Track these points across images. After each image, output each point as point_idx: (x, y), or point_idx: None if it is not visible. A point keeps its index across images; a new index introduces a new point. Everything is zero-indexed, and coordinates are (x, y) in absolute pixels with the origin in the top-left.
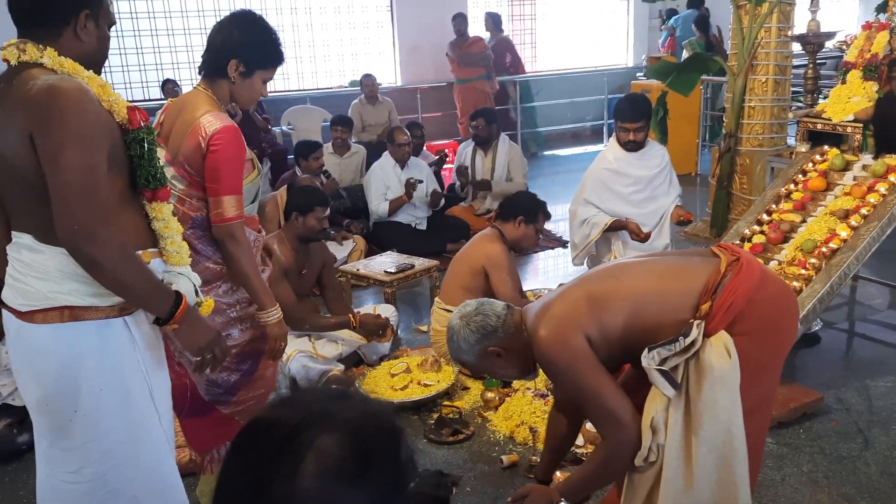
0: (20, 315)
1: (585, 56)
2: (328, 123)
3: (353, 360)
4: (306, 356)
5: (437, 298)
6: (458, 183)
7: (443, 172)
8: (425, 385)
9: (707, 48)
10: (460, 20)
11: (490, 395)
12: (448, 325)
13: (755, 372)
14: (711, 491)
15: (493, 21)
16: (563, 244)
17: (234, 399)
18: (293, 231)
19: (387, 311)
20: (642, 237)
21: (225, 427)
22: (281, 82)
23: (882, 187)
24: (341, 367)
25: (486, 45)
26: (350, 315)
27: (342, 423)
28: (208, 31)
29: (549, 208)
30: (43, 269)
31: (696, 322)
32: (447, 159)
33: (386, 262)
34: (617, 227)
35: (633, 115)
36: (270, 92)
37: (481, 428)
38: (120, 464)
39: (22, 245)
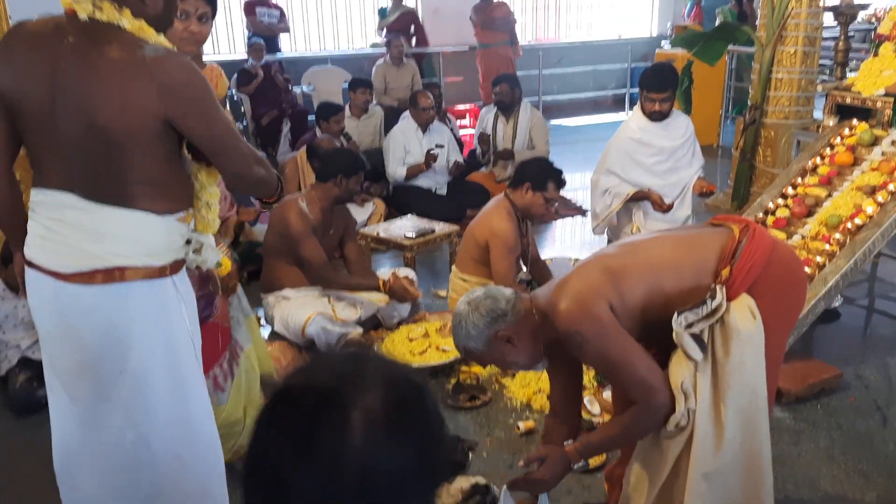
0: (62, 277)
1: (609, 24)
2: (348, 85)
3: (372, 324)
4: (325, 318)
5: (454, 266)
6: (479, 149)
7: (463, 138)
8: (443, 350)
9: (740, 18)
10: None
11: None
12: (454, 311)
13: (773, 332)
14: (736, 452)
15: None
16: (583, 213)
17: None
18: (329, 192)
19: (406, 275)
20: (665, 208)
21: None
22: (302, 43)
23: None
24: (360, 330)
25: (510, 10)
26: (381, 280)
27: (375, 379)
28: None
29: (569, 177)
30: (95, 230)
31: (719, 286)
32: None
33: (406, 227)
34: (639, 197)
35: (659, 84)
36: (291, 52)
37: (498, 394)
38: (165, 423)
39: (65, 204)
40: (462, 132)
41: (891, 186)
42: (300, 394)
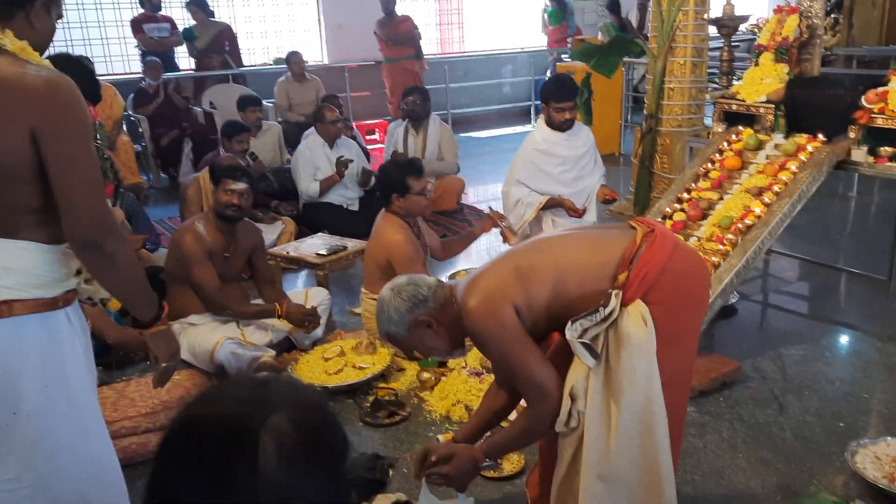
0: None
1: (513, 37)
2: (237, 105)
3: (285, 346)
4: (234, 343)
5: (363, 287)
6: None
7: (373, 152)
8: (360, 368)
9: (620, 30)
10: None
11: (426, 375)
12: (379, 297)
13: (671, 340)
14: (633, 456)
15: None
16: (503, 218)
17: None
18: (214, 209)
19: (319, 294)
20: (579, 213)
21: None
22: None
23: (793, 165)
24: (272, 352)
25: (415, 25)
26: (276, 304)
27: (282, 401)
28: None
29: (479, 189)
30: None
31: (614, 292)
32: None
33: (317, 244)
34: (551, 205)
35: (566, 94)
36: (189, 70)
37: (417, 409)
38: (66, 463)
39: None
40: (371, 147)
41: (776, 188)
42: (205, 425)
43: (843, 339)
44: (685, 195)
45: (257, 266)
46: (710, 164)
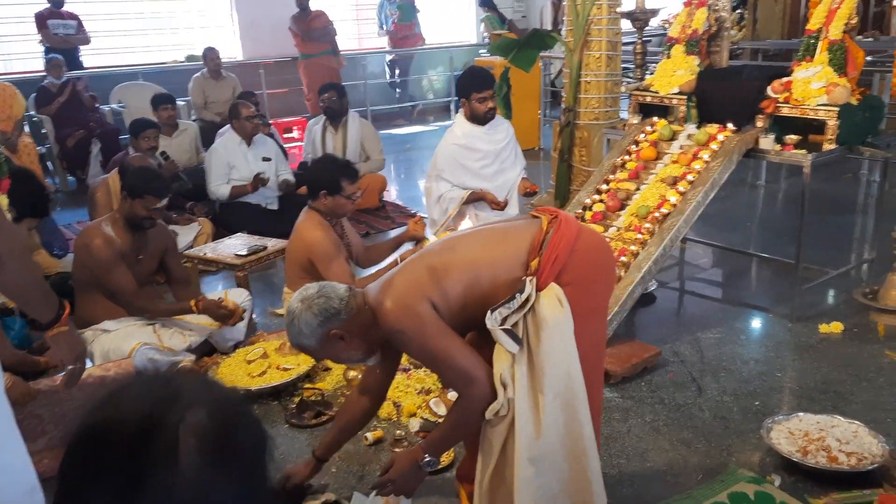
0: None
1: (435, 32)
2: (150, 103)
3: (205, 350)
4: (151, 348)
5: (285, 287)
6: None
7: (291, 151)
8: (284, 369)
9: (501, 21)
10: None
11: (352, 373)
12: (288, 308)
13: (585, 317)
14: (559, 434)
15: None
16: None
17: None
18: (123, 213)
19: (240, 295)
20: (502, 205)
21: None
22: (108, 57)
23: (705, 154)
24: (192, 357)
25: (329, 20)
26: (192, 301)
27: (196, 397)
28: None
29: (402, 185)
30: None
31: (528, 278)
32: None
33: (236, 245)
34: (474, 199)
35: (485, 83)
36: (96, 67)
37: None
38: None
39: None
40: (290, 145)
41: (689, 177)
42: (119, 424)
43: (756, 322)
44: (604, 186)
45: (171, 268)
46: (626, 156)
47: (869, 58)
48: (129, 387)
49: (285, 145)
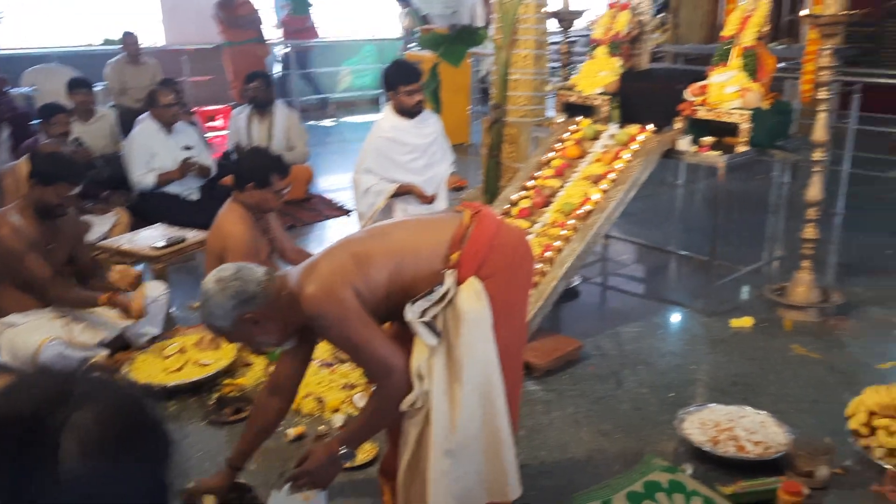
0: None
1: (362, 25)
2: (66, 87)
3: (119, 345)
4: (61, 343)
5: (203, 281)
6: (235, 156)
7: (215, 140)
8: (203, 365)
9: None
10: None
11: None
12: (202, 286)
13: (505, 311)
14: (476, 427)
15: None
16: (347, 212)
17: None
18: (32, 200)
19: (157, 288)
20: (429, 200)
21: None
22: (20, 38)
23: (626, 154)
24: (104, 352)
25: (255, 8)
26: (104, 296)
27: (88, 398)
28: None
29: (330, 178)
30: None
31: (448, 272)
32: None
33: (154, 236)
34: (402, 192)
35: (413, 75)
36: (7, 48)
37: None
38: None
39: None
40: (213, 134)
41: (612, 175)
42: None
43: (673, 316)
44: (530, 183)
45: (81, 258)
46: (552, 153)
47: (782, 64)
48: (19, 384)
49: (208, 134)
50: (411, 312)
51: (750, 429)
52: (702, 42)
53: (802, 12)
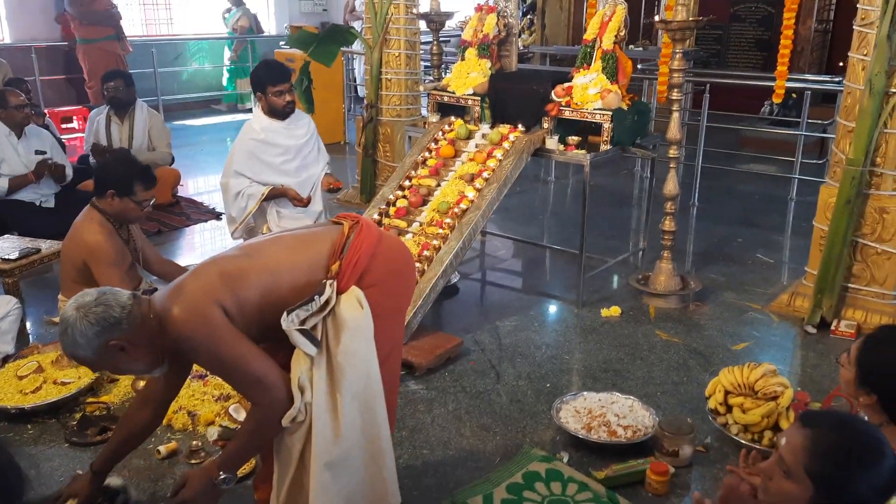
0: None
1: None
2: None
3: None
4: None
5: (59, 294)
6: (92, 159)
7: (71, 143)
8: (63, 383)
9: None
10: None
11: (142, 383)
12: (61, 315)
13: (386, 318)
14: (357, 436)
15: None
16: (217, 216)
17: None
18: None
19: (6, 303)
20: (304, 202)
21: None
22: None
23: (498, 153)
24: None
25: (112, 3)
26: None
27: None
28: None
29: (198, 180)
30: None
31: (328, 281)
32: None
33: (4, 248)
34: (275, 195)
35: (281, 76)
36: None
37: None
38: None
39: None
40: (68, 136)
41: (485, 174)
42: None
43: (548, 308)
44: (406, 182)
45: None
46: (427, 153)
47: (640, 66)
48: None
49: (63, 136)
50: (287, 322)
51: (620, 414)
52: (567, 43)
53: (657, 17)
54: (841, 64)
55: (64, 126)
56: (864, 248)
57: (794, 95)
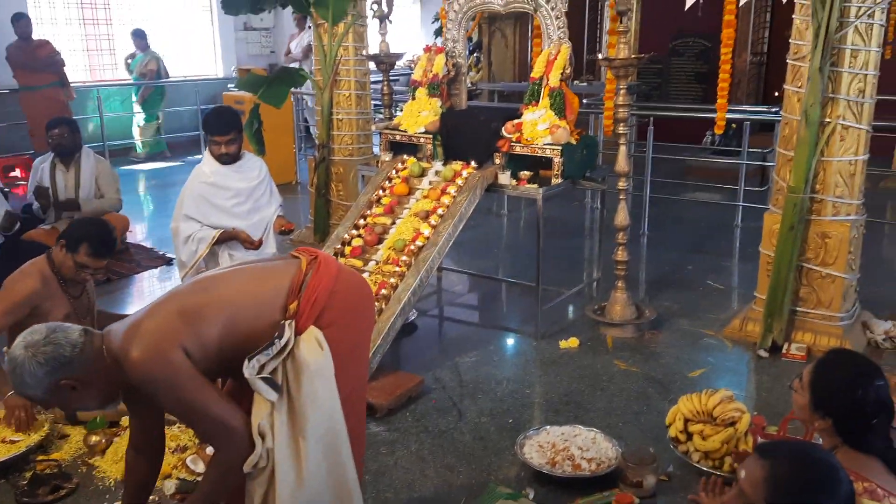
0: None
1: (175, 65)
2: None
3: None
4: None
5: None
6: (35, 204)
7: (15, 191)
8: (11, 442)
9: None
10: (24, 22)
11: (95, 438)
12: (10, 354)
13: (347, 358)
14: (323, 479)
15: None
16: (169, 261)
17: None
18: None
19: None
20: (256, 245)
21: None
22: None
23: (452, 189)
24: None
25: (55, 49)
26: None
27: None
28: None
29: (147, 225)
30: None
31: (287, 322)
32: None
33: None
34: (226, 238)
35: (221, 127)
36: None
37: (87, 478)
38: None
39: None
40: (11, 186)
41: (440, 211)
42: None
43: (507, 342)
44: (361, 221)
45: None
46: (381, 191)
47: (586, 100)
48: None
49: (5, 186)
50: (249, 369)
51: (583, 447)
52: (513, 80)
53: (600, 55)
54: (777, 94)
55: (5, 175)
56: (809, 272)
57: (733, 126)
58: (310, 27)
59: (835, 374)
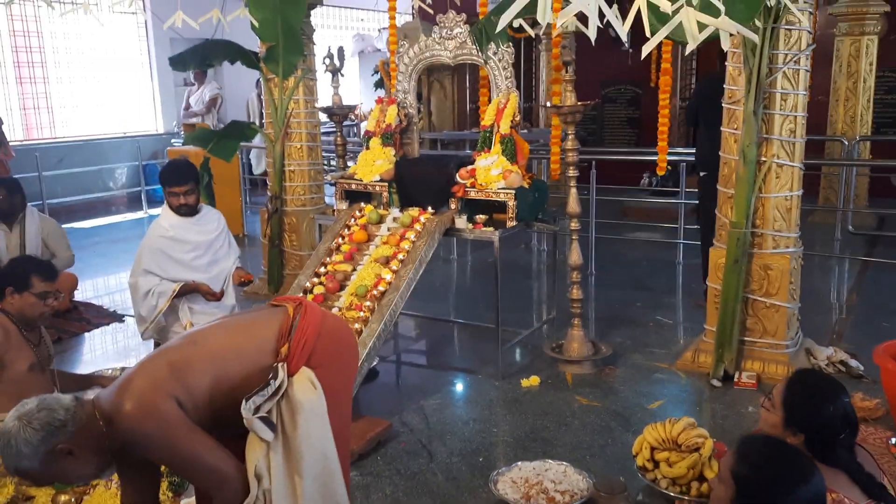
0: None
1: (113, 122)
2: None
3: None
4: None
5: None
6: None
7: None
8: None
9: None
10: None
11: (64, 498)
12: (2, 429)
13: (335, 396)
14: None
15: None
16: (120, 318)
17: None
18: None
19: None
20: (217, 297)
21: None
22: None
23: (411, 235)
24: None
25: None
26: None
27: None
28: None
29: (99, 281)
30: None
31: (279, 364)
32: None
33: None
34: (186, 291)
35: (179, 179)
36: None
37: None
38: None
39: None
40: None
41: (400, 256)
42: None
43: (469, 383)
44: (322, 269)
45: None
46: (340, 239)
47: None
48: None
49: None
50: (246, 410)
51: (556, 480)
52: (453, 128)
53: (540, 103)
54: None
55: None
56: (754, 303)
57: (669, 167)
58: (210, 82)
59: (806, 392)
